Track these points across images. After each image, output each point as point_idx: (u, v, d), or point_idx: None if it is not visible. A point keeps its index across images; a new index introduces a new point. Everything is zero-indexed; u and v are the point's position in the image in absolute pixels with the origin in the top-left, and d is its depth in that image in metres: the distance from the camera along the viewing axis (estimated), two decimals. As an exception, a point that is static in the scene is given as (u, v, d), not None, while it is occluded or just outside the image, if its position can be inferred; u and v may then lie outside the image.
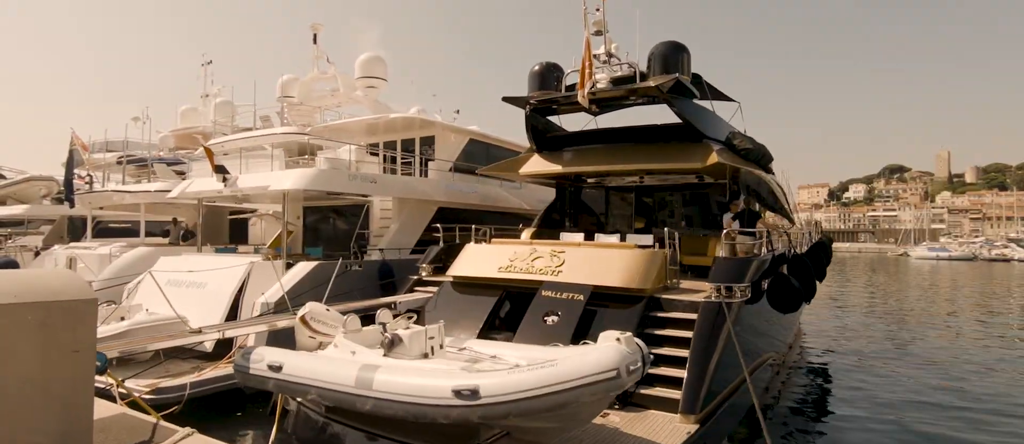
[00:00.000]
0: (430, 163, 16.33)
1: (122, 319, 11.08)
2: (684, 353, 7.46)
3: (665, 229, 9.62)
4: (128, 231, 23.22)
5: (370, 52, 23.71)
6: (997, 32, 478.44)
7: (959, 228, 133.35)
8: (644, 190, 14.24)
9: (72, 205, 16.71)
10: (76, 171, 27.71)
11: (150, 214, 22.25)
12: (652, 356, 6.12)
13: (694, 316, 8.00)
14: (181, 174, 20.13)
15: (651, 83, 10.23)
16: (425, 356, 6.42)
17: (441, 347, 6.64)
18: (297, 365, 6.30)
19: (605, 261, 8.80)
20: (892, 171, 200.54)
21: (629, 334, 5.39)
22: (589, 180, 14.43)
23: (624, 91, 10.89)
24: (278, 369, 6.41)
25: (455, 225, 12.57)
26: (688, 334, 7.73)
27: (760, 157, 11.92)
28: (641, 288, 8.42)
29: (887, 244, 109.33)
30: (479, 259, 9.92)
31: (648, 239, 10.37)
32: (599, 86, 11.24)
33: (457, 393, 5.16)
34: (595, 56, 11.30)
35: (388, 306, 9.56)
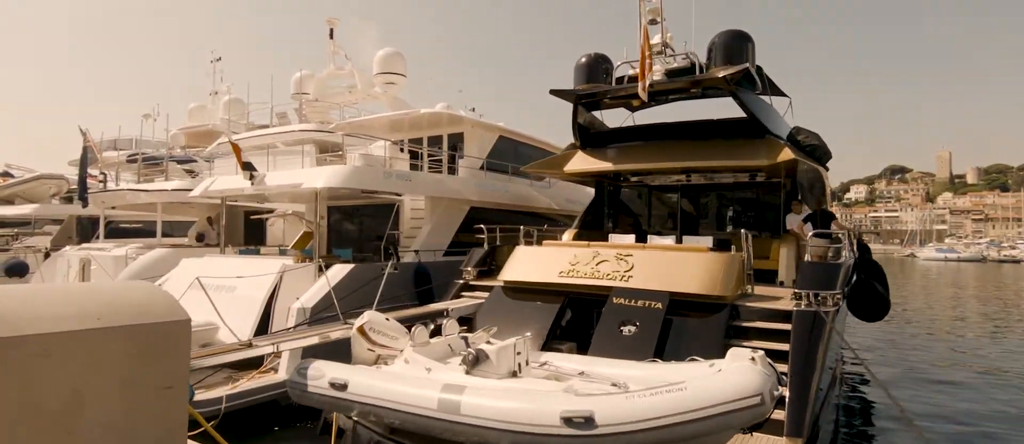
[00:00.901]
0: (459, 162, 15.63)
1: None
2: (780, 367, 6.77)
3: (742, 231, 8.90)
4: (140, 232, 22.49)
5: (388, 48, 23.05)
6: (997, 32, 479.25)
7: (961, 229, 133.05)
8: (690, 190, 13.56)
9: (85, 205, 15.98)
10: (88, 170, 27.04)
11: (165, 214, 21.59)
12: (784, 377, 5.43)
13: (778, 326, 7.33)
14: (191, 173, 19.41)
15: (719, 74, 9.54)
16: (513, 374, 5.72)
17: (527, 363, 5.93)
18: (366, 384, 5.61)
19: (680, 266, 8.11)
20: (893, 172, 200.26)
21: (762, 353, 4.70)
22: (631, 179, 13.75)
23: (686, 83, 10.22)
24: (343, 388, 5.71)
25: (485, 226, 11.87)
26: (776, 346, 7.06)
27: (822, 154, 11.27)
28: (722, 295, 7.74)
29: (892, 245, 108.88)
30: (535, 262, 9.23)
31: (707, 241, 9.71)
32: (655, 78, 10.57)
33: (568, 421, 4.47)
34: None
35: (438, 314, 8.88)
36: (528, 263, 9.33)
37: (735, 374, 4.45)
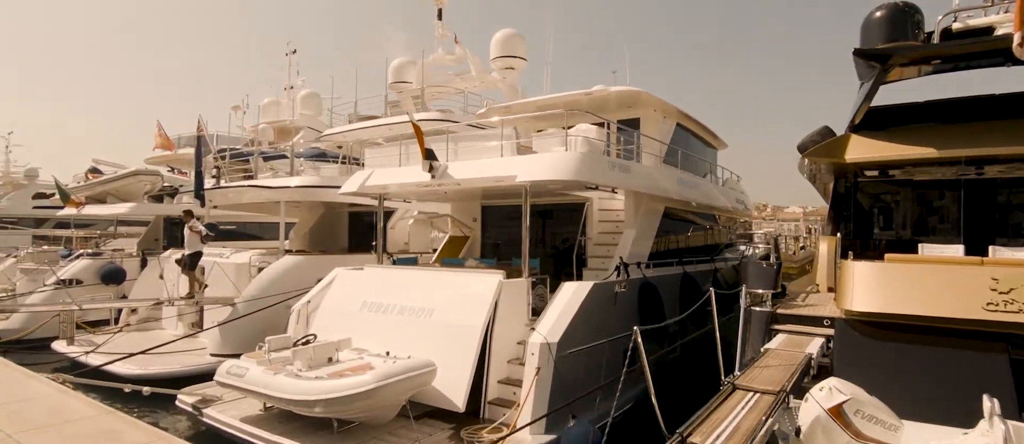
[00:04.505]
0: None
1: (330, 360, 7.89)
2: None
3: None
4: (234, 234, 20.41)
5: (507, 29, 20.45)
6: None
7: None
8: (978, 187, 10.51)
9: (203, 203, 13.82)
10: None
11: (262, 214, 19.42)
12: None
13: None
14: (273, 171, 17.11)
15: None
16: None
17: None
18: None
19: None
20: None
21: None
22: (892, 173, 10.76)
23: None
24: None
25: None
26: None
27: None
28: None
29: None
30: (916, 286, 6.38)
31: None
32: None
33: None
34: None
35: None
36: (899, 287, 6.48)
37: None
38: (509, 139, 9.40)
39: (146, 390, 7.69)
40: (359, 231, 18.27)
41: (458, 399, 7.46)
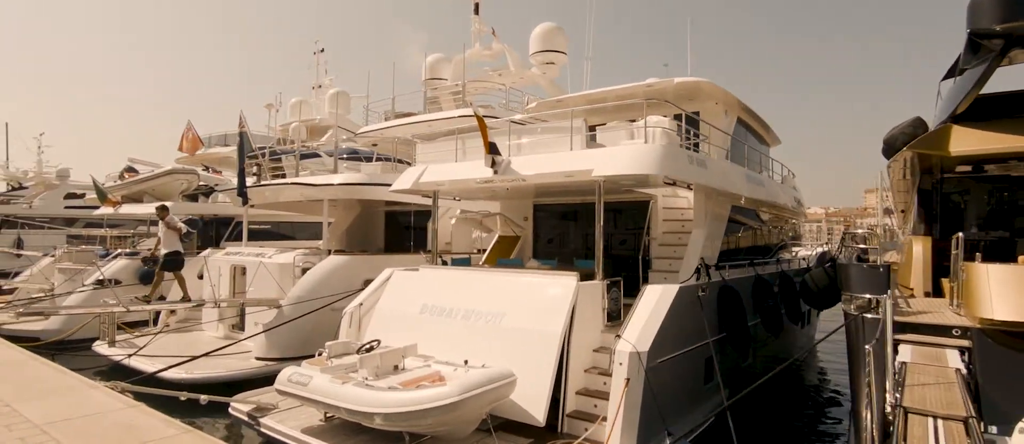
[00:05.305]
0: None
1: (396, 368, 7.35)
2: None
3: None
4: (267, 234, 20.05)
5: (547, 22, 19.84)
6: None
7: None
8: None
9: (246, 201, 13.39)
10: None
11: (296, 213, 19.03)
12: None
13: None
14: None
15: None
16: None
17: None
18: None
19: None
20: None
21: None
22: (985, 168, 9.96)
23: None
24: None
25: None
26: None
27: None
28: None
29: None
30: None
31: None
32: None
33: None
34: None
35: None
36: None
37: None
38: (579, 132, 8.79)
39: (203, 398, 7.21)
40: (396, 231, 17.79)
41: (538, 412, 6.86)
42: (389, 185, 11.22)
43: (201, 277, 14.64)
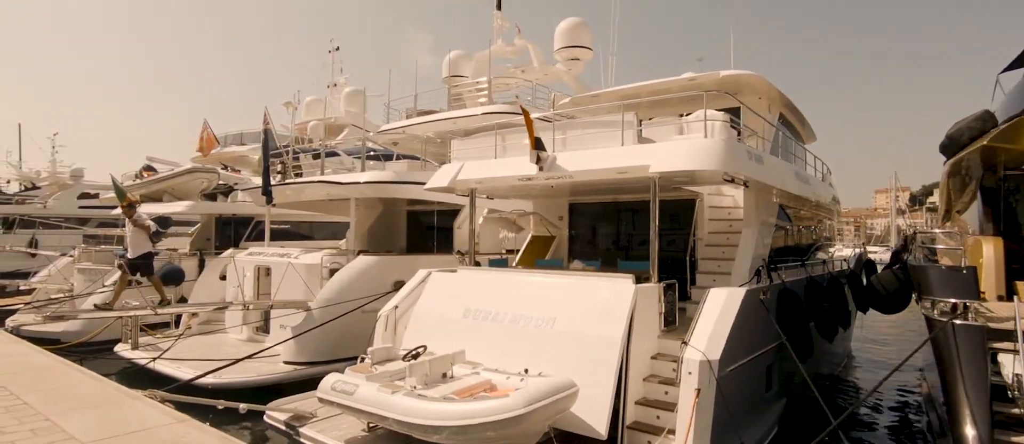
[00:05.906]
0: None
1: (444, 376, 6.93)
2: None
3: None
4: (287, 234, 19.70)
5: (573, 17, 19.39)
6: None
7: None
8: None
9: (270, 200, 13.01)
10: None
11: (315, 212, 18.67)
12: None
13: None
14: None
15: None
16: None
17: None
18: None
19: None
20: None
21: None
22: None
23: None
24: None
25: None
26: None
27: None
28: None
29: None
30: None
31: None
32: None
33: None
34: None
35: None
36: None
37: None
38: (631, 126, 8.34)
39: (243, 407, 6.81)
40: (418, 231, 17.38)
41: (599, 424, 6.42)
42: (419, 183, 10.80)
43: (223, 278, 14.30)
